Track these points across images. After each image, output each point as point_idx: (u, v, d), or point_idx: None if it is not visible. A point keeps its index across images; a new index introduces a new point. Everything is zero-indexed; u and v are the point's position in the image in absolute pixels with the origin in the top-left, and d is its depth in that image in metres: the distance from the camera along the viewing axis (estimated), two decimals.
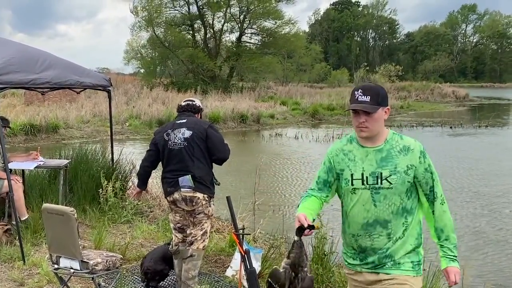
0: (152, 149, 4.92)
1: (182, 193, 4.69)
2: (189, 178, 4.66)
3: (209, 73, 41.51)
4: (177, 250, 4.94)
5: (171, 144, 4.74)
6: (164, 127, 4.99)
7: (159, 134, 4.90)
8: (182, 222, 4.89)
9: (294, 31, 44.88)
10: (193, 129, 4.74)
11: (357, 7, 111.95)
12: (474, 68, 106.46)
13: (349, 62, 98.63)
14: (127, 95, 31.36)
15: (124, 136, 20.76)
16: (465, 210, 9.95)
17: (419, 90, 51.50)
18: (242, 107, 27.14)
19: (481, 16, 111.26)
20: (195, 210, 4.74)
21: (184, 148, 4.70)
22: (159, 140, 4.85)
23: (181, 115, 4.97)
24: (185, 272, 4.80)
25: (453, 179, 12.66)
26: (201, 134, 4.73)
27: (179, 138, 4.73)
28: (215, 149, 4.76)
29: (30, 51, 6.72)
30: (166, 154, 4.79)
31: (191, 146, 4.70)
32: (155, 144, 4.89)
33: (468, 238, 8.31)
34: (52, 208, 4.32)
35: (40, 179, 7.86)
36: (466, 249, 7.68)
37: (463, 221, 9.18)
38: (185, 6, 43.83)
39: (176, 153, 4.72)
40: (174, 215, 4.92)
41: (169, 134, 4.78)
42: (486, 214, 9.75)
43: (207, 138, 4.74)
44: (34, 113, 20.57)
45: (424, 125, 26.95)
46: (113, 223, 7.20)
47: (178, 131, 4.76)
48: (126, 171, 8.40)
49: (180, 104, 5.11)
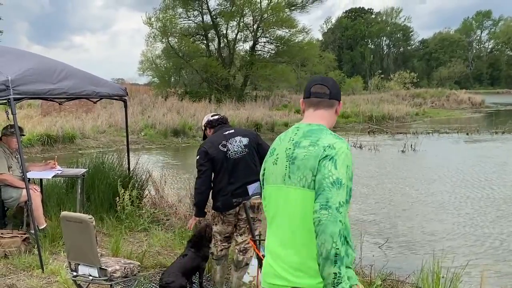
0: (208, 167, 4.71)
1: (251, 200, 4.65)
2: (258, 184, 4.59)
3: (223, 82, 41.62)
4: (222, 256, 4.97)
5: (232, 153, 4.69)
6: (214, 141, 4.80)
7: (213, 149, 4.71)
8: (230, 232, 4.90)
9: (307, 39, 44.88)
10: (248, 136, 4.80)
11: (370, 15, 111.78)
12: (490, 75, 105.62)
13: (363, 69, 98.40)
14: (142, 104, 31.57)
15: (140, 146, 20.88)
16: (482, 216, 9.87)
17: (434, 97, 51.26)
18: (256, 116, 27.18)
19: (496, 22, 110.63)
20: (257, 217, 4.74)
21: (247, 155, 4.72)
22: (216, 154, 4.69)
23: (223, 127, 4.94)
24: (238, 279, 4.88)
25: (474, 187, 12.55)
26: (256, 140, 4.82)
27: (239, 146, 4.72)
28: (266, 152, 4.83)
29: (47, 62, 6.81)
30: (228, 165, 4.69)
31: (252, 152, 4.74)
32: (210, 161, 4.69)
33: (488, 244, 8.24)
34: (70, 216, 4.37)
35: (58, 188, 7.95)
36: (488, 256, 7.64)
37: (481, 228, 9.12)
38: (199, 16, 44.06)
39: (240, 161, 4.69)
40: (226, 227, 4.86)
41: (226, 145, 4.71)
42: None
43: (258, 144, 4.82)
44: (51, 124, 20.77)
45: (440, 132, 26.77)
46: (130, 231, 7.23)
47: (234, 140, 4.74)
48: (143, 179, 8.45)
49: (212, 119, 5.03)
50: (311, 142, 2.42)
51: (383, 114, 33.39)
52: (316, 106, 2.59)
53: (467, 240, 8.45)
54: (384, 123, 31.50)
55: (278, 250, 2.47)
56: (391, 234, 8.64)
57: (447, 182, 13.22)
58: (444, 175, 14.08)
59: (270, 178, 2.56)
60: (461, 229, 9.06)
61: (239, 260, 4.86)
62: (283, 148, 2.53)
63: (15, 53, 6.85)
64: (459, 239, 8.51)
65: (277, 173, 2.52)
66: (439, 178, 13.77)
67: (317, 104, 2.59)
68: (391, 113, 34.07)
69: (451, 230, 8.98)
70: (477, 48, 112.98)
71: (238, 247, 4.89)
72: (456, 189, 12.28)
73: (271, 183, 2.56)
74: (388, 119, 33.03)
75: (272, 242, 2.54)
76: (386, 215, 10.00)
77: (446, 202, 10.99)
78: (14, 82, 5.57)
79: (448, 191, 12.02)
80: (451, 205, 10.77)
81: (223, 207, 4.75)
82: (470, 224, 9.38)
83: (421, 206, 10.76)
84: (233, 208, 4.72)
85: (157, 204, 8.17)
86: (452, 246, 8.09)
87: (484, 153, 18.84)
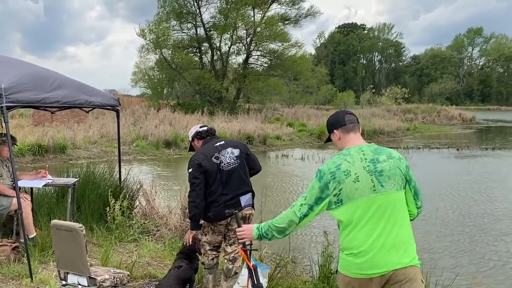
0: (202, 180, 4.71)
1: (243, 211, 4.70)
2: (250, 196, 4.75)
3: (216, 95, 41.73)
4: (214, 265, 5.01)
5: (225, 165, 4.72)
6: (206, 153, 4.80)
7: (206, 161, 4.72)
8: (220, 241, 4.94)
9: (300, 54, 45.15)
10: (238, 147, 4.86)
11: (363, 30, 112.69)
12: (481, 91, 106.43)
13: (355, 84, 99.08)
14: (134, 116, 31.54)
15: (131, 157, 20.83)
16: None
17: (425, 112, 51.57)
18: (248, 129, 27.22)
19: (487, 39, 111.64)
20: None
21: (239, 166, 4.77)
22: (209, 166, 4.70)
23: (212, 138, 4.97)
24: None
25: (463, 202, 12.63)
26: (245, 151, 4.88)
27: (231, 157, 4.76)
28: (255, 164, 4.94)
29: (40, 71, 6.83)
30: (221, 177, 4.71)
31: (243, 164, 4.80)
32: (204, 173, 4.70)
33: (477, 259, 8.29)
34: (60, 224, 4.37)
35: (48, 197, 7.93)
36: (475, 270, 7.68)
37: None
38: (192, 28, 44.29)
39: (232, 173, 4.73)
40: (216, 237, 4.89)
41: (218, 157, 4.74)
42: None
43: (247, 154, 4.89)
44: (42, 134, 20.71)
45: (430, 147, 26.92)
46: (120, 241, 7.22)
47: (226, 152, 4.78)
48: (134, 190, 8.45)
49: (201, 130, 5.03)
50: (387, 156, 3.11)
51: (375, 129, 33.51)
52: (353, 130, 3.27)
53: (457, 254, 8.50)
54: (375, 138, 31.62)
55: (387, 242, 2.99)
56: None
57: (435, 194, 13.36)
58: (431, 189, 14.18)
59: (355, 194, 3.02)
60: (447, 243, 9.11)
61: (229, 268, 4.89)
62: (360, 168, 3.05)
63: (8, 61, 6.86)
64: (449, 253, 8.55)
65: (364, 188, 3.02)
66: (424, 191, 13.85)
67: (353, 128, 3.28)
68: (383, 127, 34.22)
69: (438, 244, 9.03)
70: (468, 64, 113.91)
71: (228, 257, 4.92)
72: (440, 203, 12.41)
73: (357, 197, 3.02)
74: (379, 134, 33.17)
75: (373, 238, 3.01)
76: None
77: (432, 216, 11.06)
78: (7, 90, 5.57)
79: (433, 205, 12.13)
80: (438, 218, 10.85)
81: (214, 218, 4.77)
82: (457, 238, 9.46)
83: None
84: (224, 219, 4.74)
85: (147, 215, 8.17)
86: (441, 259, 8.12)
87: (473, 168, 18.98)
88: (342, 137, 3.26)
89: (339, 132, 3.27)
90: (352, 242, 3.04)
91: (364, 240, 3.00)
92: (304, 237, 9.26)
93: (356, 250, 3.01)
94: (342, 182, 3.03)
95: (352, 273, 3.04)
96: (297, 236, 9.10)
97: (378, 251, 2.97)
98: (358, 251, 3.00)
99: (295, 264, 7.08)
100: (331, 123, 3.34)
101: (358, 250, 3.00)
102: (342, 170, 3.05)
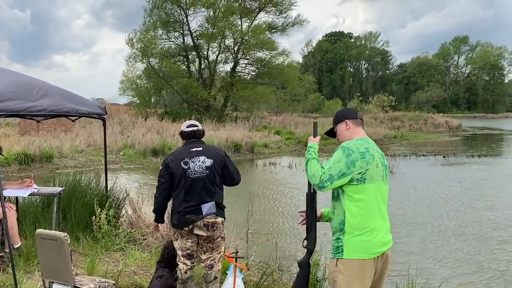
0: (167, 180, 4.79)
1: (205, 220, 4.71)
2: (212, 204, 4.72)
3: (203, 103, 41.73)
4: (187, 278, 4.96)
5: (192, 172, 4.72)
6: (178, 156, 4.86)
7: (174, 163, 4.77)
8: (193, 248, 4.91)
9: (288, 62, 45.31)
10: (213, 158, 4.80)
11: (350, 39, 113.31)
12: (467, 99, 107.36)
13: (342, 92, 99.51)
14: (122, 124, 31.45)
15: (118, 166, 20.76)
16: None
17: (412, 120, 51.90)
18: (236, 137, 27.25)
19: (473, 47, 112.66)
20: (214, 235, 4.80)
21: (206, 177, 4.74)
22: (175, 169, 4.74)
23: (192, 142, 4.94)
24: None
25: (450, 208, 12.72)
26: (221, 162, 4.82)
27: (200, 166, 4.74)
28: (231, 176, 4.90)
29: (26, 79, 6.79)
30: (185, 183, 4.72)
31: (213, 174, 4.76)
32: (170, 174, 4.76)
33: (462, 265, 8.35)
34: (45, 234, 4.35)
35: (34, 207, 7.87)
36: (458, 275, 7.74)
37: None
38: (180, 37, 44.35)
39: (198, 181, 4.72)
40: (185, 242, 4.87)
41: (188, 163, 4.74)
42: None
43: (224, 166, 4.84)
44: (29, 143, 20.58)
45: (417, 155, 27.09)
46: (106, 250, 7.19)
47: (197, 159, 4.76)
48: (120, 198, 8.42)
49: (185, 131, 5.01)
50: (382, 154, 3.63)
51: None
52: (361, 125, 3.75)
53: (442, 259, 8.56)
54: None
55: (383, 223, 3.53)
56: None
57: (417, 202, 13.49)
58: (416, 195, 14.30)
59: (374, 177, 3.47)
60: (433, 248, 9.18)
61: (208, 274, 4.92)
62: (378, 156, 3.55)
63: None
64: (434, 258, 8.60)
65: (378, 174, 3.49)
66: (409, 198, 13.97)
67: (361, 124, 3.76)
68: (370, 135, 33.18)
69: (424, 249, 9.09)
70: (454, 72, 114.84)
71: (204, 264, 4.97)
72: (425, 209, 12.54)
73: (375, 181, 3.47)
74: None
75: (376, 220, 3.50)
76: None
77: (420, 222, 11.14)
78: None
79: (416, 210, 12.29)
80: (424, 224, 10.94)
81: (178, 224, 4.83)
82: (442, 242, 9.54)
83: (392, 225, 10.88)
84: (188, 224, 4.77)
85: (134, 224, 8.14)
86: (427, 265, 8.17)
87: (457, 176, 19.12)
88: (352, 128, 3.68)
89: (350, 123, 3.70)
90: (367, 221, 3.42)
91: (376, 219, 3.46)
92: (290, 245, 9.27)
93: (371, 227, 3.42)
94: (370, 164, 3.44)
95: (370, 253, 3.41)
96: (284, 244, 9.12)
97: (384, 232, 3.50)
98: (371, 228, 3.42)
99: (282, 272, 7.09)
100: (344, 114, 3.79)
101: (372, 227, 3.42)
102: (371, 153, 3.48)
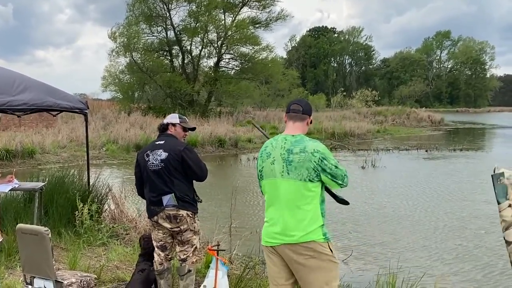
0: (137, 172, 5.03)
1: (166, 211, 4.76)
2: (172, 196, 4.75)
3: (187, 98, 41.60)
4: (163, 270, 4.98)
5: (151, 164, 4.84)
6: (145, 148, 5.08)
7: (140, 155, 5.00)
8: (165, 239, 4.94)
9: (271, 57, 45.30)
10: (169, 152, 4.82)
11: (333, 34, 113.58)
12: (449, 93, 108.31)
13: (326, 87, 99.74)
14: (105, 120, 31.27)
15: (101, 161, 20.66)
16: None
17: (395, 114, 52.16)
18: (220, 132, 27.27)
19: (455, 42, 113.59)
20: (180, 228, 4.81)
21: (161, 169, 4.79)
22: (141, 161, 4.95)
23: (160, 136, 5.07)
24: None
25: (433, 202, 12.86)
26: (177, 157, 4.81)
27: (156, 159, 4.82)
28: (191, 171, 4.87)
29: (5, 73, 6.73)
30: (147, 174, 4.88)
31: (168, 168, 4.79)
32: (138, 166, 5.00)
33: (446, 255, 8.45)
34: (26, 228, 4.32)
35: (16, 202, 7.82)
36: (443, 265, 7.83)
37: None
38: (162, 32, 44.04)
39: (156, 173, 4.81)
40: (157, 233, 4.94)
41: (149, 155, 4.88)
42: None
43: (182, 161, 4.82)
44: (10, 138, 20.39)
45: (400, 149, 27.30)
46: (88, 245, 7.16)
47: (155, 153, 4.85)
48: (102, 193, 8.39)
49: (160, 124, 5.18)
50: (300, 149, 3.51)
51: (345, 131, 33.87)
52: (294, 119, 3.70)
53: (424, 251, 8.66)
54: (346, 140, 31.96)
55: (279, 217, 3.54)
56: (348, 247, 8.77)
57: (401, 195, 13.65)
58: (398, 189, 14.44)
59: (269, 174, 3.59)
60: (416, 241, 9.28)
61: (181, 267, 4.94)
62: (278, 153, 3.57)
63: None
64: (416, 251, 8.70)
65: (275, 171, 3.55)
66: (390, 192, 14.10)
67: (294, 118, 3.70)
68: (353, 130, 34.58)
69: (405, 242, 9.20)
70: (437, 67, 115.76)
71: (177, 256, 5.00)
72: (405, 202, 12.74)
73: (270, 177, 3.59)
74: (350, 136, 33.52)
75: (272, 213, 3.61)
76: (341, 230, 10.19)
77: (401, 215, 11.25)
78: None
79: (397, 204, 12.47)
80: (406, 218, 11.06)
81: (148, 215, 4.98)
82: (425, 236, 9.64)
83: (373, 219, 10.98)
84: (153, 215, 4.86)
85: (116, 219, 8.12)
86: (409, 257, 8.26)
87: (438, 169, 19.33)
88: (286, 123, 3.77)
89: (285, 117, 3.79)
90: (266, 213, 3.69)
91: (272, 212, 3.60)
92: None
93: (268, 218, 3.66)
94: (264, 161, 3.64)
95: (264, 241, 3.66)
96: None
97: (283, 226, 3.52)
98: (268, 219, 3.65)
99: (265, 265, 7.11)
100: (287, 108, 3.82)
101: (268, 218, 3.65)
102: (267, 151, 3.66)
